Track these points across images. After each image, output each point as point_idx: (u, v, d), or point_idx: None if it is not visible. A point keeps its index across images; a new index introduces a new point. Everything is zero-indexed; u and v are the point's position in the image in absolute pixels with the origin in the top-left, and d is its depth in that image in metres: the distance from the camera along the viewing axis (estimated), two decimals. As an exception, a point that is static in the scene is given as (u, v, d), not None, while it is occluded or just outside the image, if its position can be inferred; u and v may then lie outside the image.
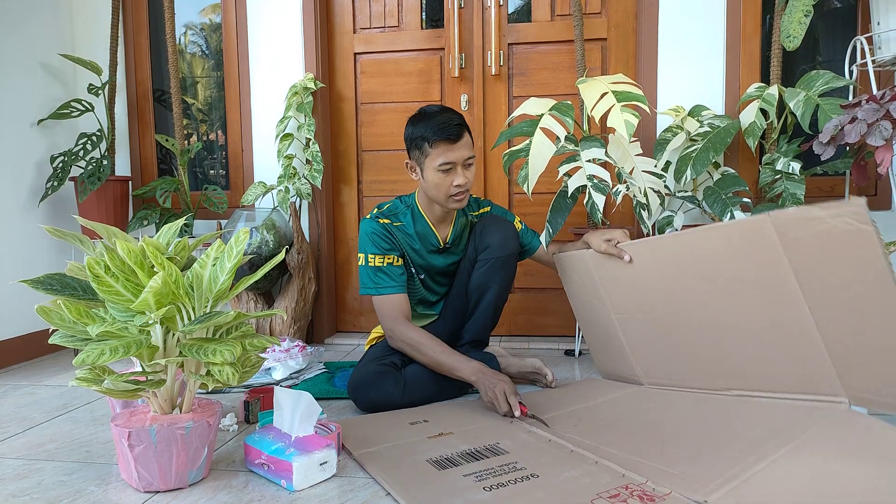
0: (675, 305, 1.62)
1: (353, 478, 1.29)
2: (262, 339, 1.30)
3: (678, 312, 1.61)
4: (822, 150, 1.77)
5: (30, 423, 1.68)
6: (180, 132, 2.54)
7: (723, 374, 1.56)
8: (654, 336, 1.70)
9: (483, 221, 1.90)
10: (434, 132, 1.71)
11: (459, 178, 1.73)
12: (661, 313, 1.66)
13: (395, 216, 1.85)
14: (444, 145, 1.71)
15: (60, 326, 1.20)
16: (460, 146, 1.72)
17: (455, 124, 1.71)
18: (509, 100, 2.55)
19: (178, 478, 1.24)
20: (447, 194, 1.76)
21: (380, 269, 1.79)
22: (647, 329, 1.71)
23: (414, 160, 1.79)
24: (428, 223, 1.86)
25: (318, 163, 2.42)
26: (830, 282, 1.31)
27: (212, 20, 2.75)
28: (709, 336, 1.56)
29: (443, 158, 1.71)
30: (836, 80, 1.89)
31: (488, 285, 1.85)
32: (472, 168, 1.77)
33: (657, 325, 1.68)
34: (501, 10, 2.51)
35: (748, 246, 1.42)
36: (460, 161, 1.73)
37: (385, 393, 1.69)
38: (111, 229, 1.29)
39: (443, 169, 1.72)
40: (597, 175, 1.94)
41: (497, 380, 1.60)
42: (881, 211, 2.24)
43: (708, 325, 1.56)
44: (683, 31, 2.31)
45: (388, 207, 1.87)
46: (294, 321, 2.43)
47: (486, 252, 1.84)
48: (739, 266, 1.46)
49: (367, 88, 2.65)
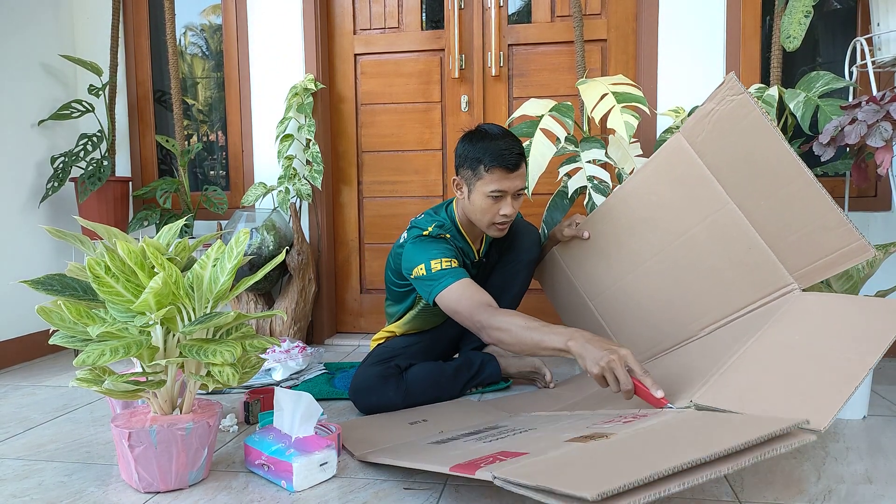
0: (636, 264, 1.68)
1: (353, 478, 1.29)
2: (262, 339, 1.30)
3: (639, 271, 1.68)
4: (822, 151, 1.77)
5: (30, 423, 1.68)
6: (181, 133, 2.55)
7: (692, 317, 1.60)
8: (626, 307, 1.73)
9: (511, 225, 1.84)
10: (492, 157, 1.61)
11: (507, 209, 1.66)
12: (628, 280, 1.71)
13: (445, 231, 1.74)
14: (500, 172, 1.62)
15: (61, 327, 1.20)
16: (515, 176, 1.64)
17: (516, 153, 1.63)
18: (509, 101, 2.55)
19: (179, 478, 1.24)
20: (491, 221, 1.68)
21: (449, 270, 1.63)
22: (620, 302, 1.75)
23: (463, 178, 1.70)
24: (467, 240, 1.81)
25: (318, 163, 2.42)
26: (741, 167, 1.43)
27: (212, 21, 2.75)
28: (670, 281, 1.62)
29: (496, 185, 1.63)
30: (835, 82, 1.89)
31: (507, 286, 1.85)
32: (520, 199, 1.70)
33: (627, 295, 1.72)
34: (501, 11, 2.51)
35: (673, 168, 1.55)
36: (512, 191, 1.65)
37: (386, 398, 1.69)
38: (111, 230, 1.29)
39: (493, 196, 1.64)
40: (597, 176, 1.94)
41: (605, 347, 1.26)
42: (881, 212, 2.24)
43: (666, 271, 1.62)
44: (683, 32, 2.31)
45: (435, 225, 1.73)
46: (294, 322, 2.43)
47: (510, 253, 1.85)
48: (673, 194, 1.56)
49: (368, 89, 2.66)
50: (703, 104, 1.47)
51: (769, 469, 1.31)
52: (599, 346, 1.26)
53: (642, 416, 1.16)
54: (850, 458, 1.36)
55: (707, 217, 1.52)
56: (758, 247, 1.45)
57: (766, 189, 1.40)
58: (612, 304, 1.77)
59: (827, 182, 2.29)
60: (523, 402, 1.73)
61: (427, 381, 1.73)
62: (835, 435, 1.50)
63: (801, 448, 1.41)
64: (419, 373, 1.75)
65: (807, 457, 1.37)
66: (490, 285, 1.83)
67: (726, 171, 1.46)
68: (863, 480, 1.25)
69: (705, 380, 1.28)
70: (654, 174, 1.61)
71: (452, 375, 1.81)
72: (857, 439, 1.47)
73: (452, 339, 1.93)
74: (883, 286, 2.10)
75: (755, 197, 1.43)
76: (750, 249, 1.46)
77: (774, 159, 1.37)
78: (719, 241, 1.51)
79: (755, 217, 1.44)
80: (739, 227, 1.46)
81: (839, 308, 1.32)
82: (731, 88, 1.40)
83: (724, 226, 1.49)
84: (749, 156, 1.41)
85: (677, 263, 1.59)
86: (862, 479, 1.26)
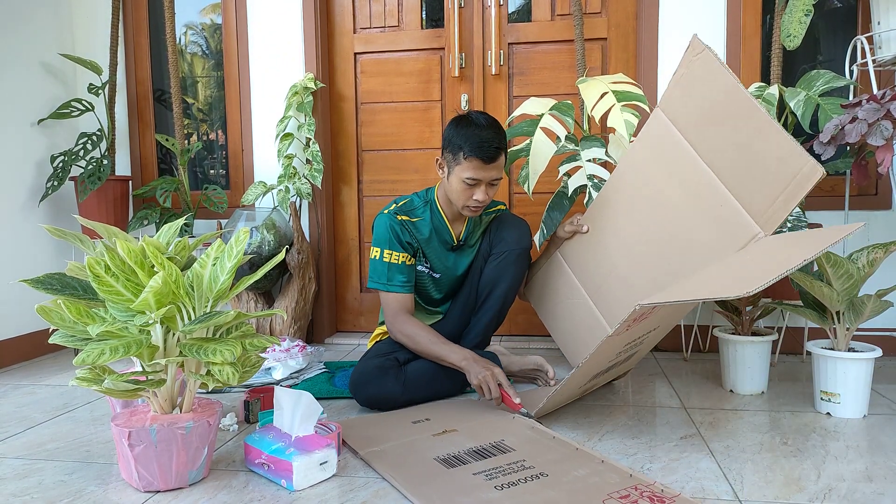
0: (629, 248, 1.72)
1: (353, 477, 1.29)
2: (262, 338, 1.30)
3: (631, 255, 1.72)
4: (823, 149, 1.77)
5: (30, 422, 1.68)
6: (180, 132, 2.54)
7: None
8: (625, 295, 1.74)
9: (500, 218, 1.93)
10: (472, 147, 1.70)
11: (480, 195, 1.74)
12: (622, 267, 1.74)
13: (413, 212, 1.86)
14: (477, 162, 1.70)
15: (61, 326, 1.20)
16: (491, 168, 1.72)
17: (495, 146, 1.70)
18: (509, 99, 2.55)
19: (179, 478, 1.24)
20: (465, 204, 1.78)
21: (393, 266, 1.81)
22: (618, 291, 1.76)
23: (445, 160, 1.79)
24: (444, 219, 1.87)
25: (318, 162, 2.42)
26: (707, 122, 1.50)
27: (212, 20, 2.75)
28: (656, 258, 1.65)
29: (471, 174, 1.72)
30: (836, 80, 1.89)
31: (498, 279, 1.86)
32: (496, 187, 1.78)
33: (622, 281, 1.74)
34: (501, 10, 2.51)
35: (653, 144, 1.62)
36: (486, 180, 1.74)
37: (385, 389, 1.69)
38: (111, 229, 1.29)
39: (468, 182, 1.73)
40: (597, 175, 1.94)
41: (485, 366, 1.63)
42: (881, 210, 2.24)
43: (653, 250, 1.66)
44: (684, 30, 2.31)
45: (405, 203, 1.88)
46: (294, 321, 2.43)
47: (500, 245, 1.87)
48: (656, 168, 1.63)
49: (367, 88, 2.65)
50: (674, 72, 1.55)
51: (769, 467, 1.31)
52: (481, 365, 1.64)
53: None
54: (850, 456, 1.36)
55: (683, 182, 1.57)
56: (727, 202, 1.50)
57: (729, 137, 1.46)
58: (610, 295, 1.78)
59: (827, 181, 2.29)
60: (525, 400, 1.73)
61: (427, 376, 1.74)
62: (835, 433, 1.50)
63: (801, 447, 1.42)
64: (419, 367, 1.75)
65: (807, 455, 1.37)
66: (483, 278, 1.88)
67: (694, 130, 1.52)
68: (863, 479, 1.25)
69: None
70: (639, 153, 1.68)
71: (453, 372, 1.81)
72: (857, 438, 1.47)
73: (451, 336, 1.93)
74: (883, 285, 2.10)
75: (721, 148, 1.49)
76: (721, 206, 1.51)
77: (732, 103, 1.43)
78: (694, 204, 1.56)
79: (722, 170, 1.49)
80: (711, 185, 1.52)
81: (788, 237, 1.43)
82: (694, 48, 1.47)
83: (696, 186, 1.54)
84: (713, 107, 1.47)
85: (661, 238, 1.64)
86: (862, 478, 1.26)
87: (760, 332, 1.87)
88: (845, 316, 1.62)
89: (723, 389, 1.87)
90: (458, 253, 1.92)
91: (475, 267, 1.92)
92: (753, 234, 1.46)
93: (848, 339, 1.64)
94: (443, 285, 1.93)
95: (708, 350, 2.32)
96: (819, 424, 1.57)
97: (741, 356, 1.81)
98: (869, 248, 1.57)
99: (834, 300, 1.59)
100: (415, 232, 1.85)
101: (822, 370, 1.64)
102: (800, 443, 1.44)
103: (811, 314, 1.68)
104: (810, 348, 1.68)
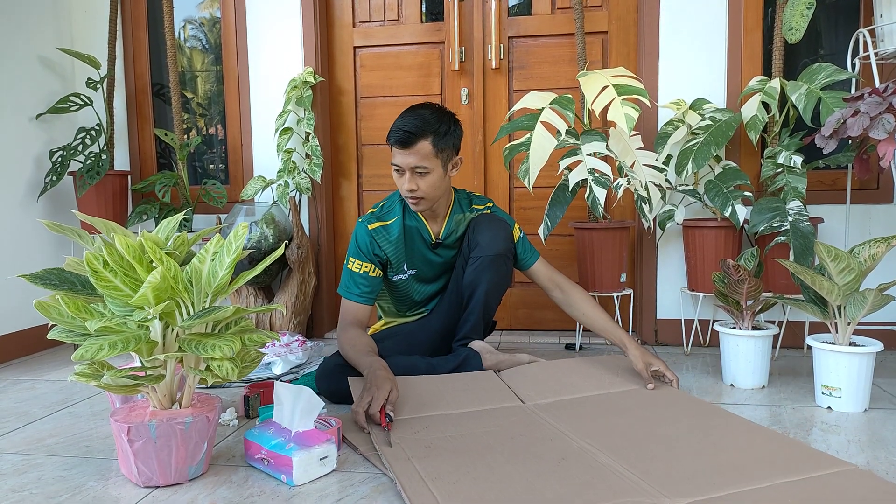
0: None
1: (353, 472, 1.29)
2: (261, 333, 1.30)
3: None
4: (825, 143, 1.76)
5: (29, 417, 1.68)
6: (179, 126, 2.53)
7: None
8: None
9: (477, 220, 1.89)
10: (390, 132, 1.71)
11: (407, 184, 1.72)
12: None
13: (388, 214, 1.86)
14: (394, 148, 1.72)
15: (59, 321, 1.20)
16: (408, 153, 1.69)
17: (405, 130, 1.67)
18: (510, 93, 2.54)
19: (178, 473, 1.24)
20: (403, 195, 1.77)
21: (354, 275, 1.82)
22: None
23: None
24: (420, 218, 1.86)
25: (317, 157, 2.42)
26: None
27: (211, 14, 2.74)
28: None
29: (393, 159, 1.73)
30: (838, 74, 1.88)
31: (477, 283, 1.85)
32: (427, 177, 1.72)
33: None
34: (501, 4, 2.49)
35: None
36: (407, 167, 1.70)
37: (343, 385, 1.66)
38: (110, 224, 1.28)
39: (395, 169, 1.74)
40: (598, 169, 1.93)
41: (376, 385, 1.49)
42: (883, 204, 2.24)
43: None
44: (685, 24, 2.29)
45: (383, 206, 1.88)
46: (294, 316, 2.43)
47: (476, 250, 1.84)
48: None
49: (367, 82, 2.64)
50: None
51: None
52: (375, 379, 1.51)
53: None
54: (851, 450, 1.36)
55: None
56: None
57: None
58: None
59: (829, 174, 2.29)
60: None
61: (401, 371, 1.69)
62: (836, 428, 1.50)
63: (803, 441, 1.41)
64: (396, 363, 1.70)
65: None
66: (464, 281, 1.87)
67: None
68: (864, 474, 1.25)
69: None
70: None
71: (427, 369, 1.80)
72: (858, 432, 1.47)
73: (439, 333, 1.92)
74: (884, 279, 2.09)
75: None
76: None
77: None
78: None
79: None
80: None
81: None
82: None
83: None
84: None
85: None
86: (863, 473, 1.25)
87: (761, 327, 1.87)
88: (846, 310, 1.61)
89: (723, 384, 1.87)
90: (439, 251, 1.90)
91: (458, 265, 1.91)
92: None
93: (849, 334, 1.64)
94: (423, 281, 1.92)
95: (708, 344, 2.32)
96: (820, 419, 1.56)
97: (742, 350, 1.81)
98: (870, 241, 1.56)
99: (835, 294, 1.58)
100: (386, 236, 1.84)
101: (823, 364, 1.64)
102: (801, 437, 1.44)
103: (812, 308, 1.68)
104: (811, 342, 1.68)
